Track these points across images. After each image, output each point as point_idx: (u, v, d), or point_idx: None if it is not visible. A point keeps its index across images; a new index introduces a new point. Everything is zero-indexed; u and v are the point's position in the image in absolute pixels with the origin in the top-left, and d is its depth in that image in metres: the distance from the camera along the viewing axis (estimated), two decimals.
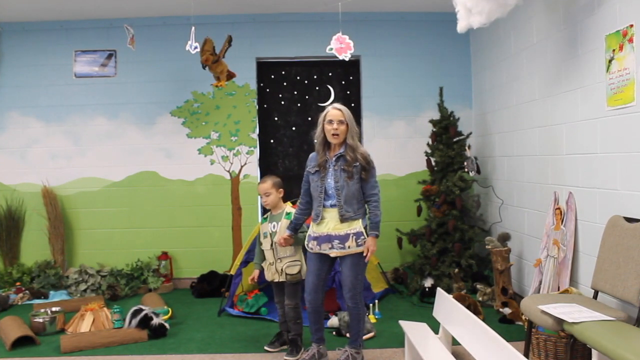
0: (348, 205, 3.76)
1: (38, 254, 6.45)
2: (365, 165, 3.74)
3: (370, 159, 3.79)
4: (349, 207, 3.77)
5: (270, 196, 4.23)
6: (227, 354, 4.29)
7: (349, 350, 3.91)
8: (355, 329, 3.94)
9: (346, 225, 3.76)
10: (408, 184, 6.54)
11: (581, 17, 4.09)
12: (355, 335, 3.94)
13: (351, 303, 3.86)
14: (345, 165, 3.76)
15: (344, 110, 3.81)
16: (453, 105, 6.25)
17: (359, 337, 3.95)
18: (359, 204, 3.79)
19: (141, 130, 6.56)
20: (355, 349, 3.92)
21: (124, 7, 6.09)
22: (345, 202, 3.77)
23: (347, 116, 3.80)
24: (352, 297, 3.84)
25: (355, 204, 3.77)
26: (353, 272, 3.82)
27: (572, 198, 4.28)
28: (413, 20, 6.58)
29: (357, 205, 3.77)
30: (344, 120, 3.79)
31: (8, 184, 6.52)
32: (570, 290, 3.93)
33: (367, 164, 3.74)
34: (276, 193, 4.25)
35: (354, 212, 3.77)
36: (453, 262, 5.77)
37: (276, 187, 4.24)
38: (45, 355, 4.31)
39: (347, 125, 3.78)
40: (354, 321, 3.93)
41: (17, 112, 6.51)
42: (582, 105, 4.13)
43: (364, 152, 3.78)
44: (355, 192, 3.77)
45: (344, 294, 3.91)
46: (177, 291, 6.37)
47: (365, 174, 3.74)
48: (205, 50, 5.49)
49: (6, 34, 6.49)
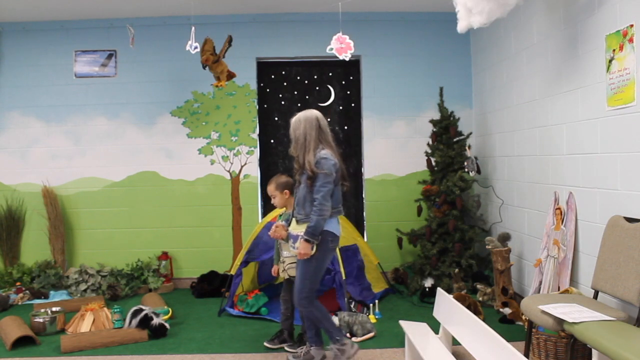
0: (300, 208, 3.88)
1: (38, 254, 6.45)
2: (309, 173, 3.79)
3: (317, 166, 3.76)
4: (300, 209, 3.88)
5: (276, 198, 4.29)
6: (227, 354, 4.29)
7: (333, 347, 3.91)
8: (323, 328, 3.92)
9: (300, 227, 3.84)
10: (408, 184, 6.54)
11: (581, 17, 4.09)
12: (328, 333, 3.91)
13: (299, 307, 3.91)
14: (296, 172, 3.94)
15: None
16: (453, 105, 6.26)
17: (330, 332, 3.90)
18: (312, 207, 3.81)
19: (141, 130, 6.56)
20: (336, 344, 3.89)
21: (124, 7, 6.10)
22: (297, 204, 3.92)
23: (291, 131, 3.95)
24: (298, 301, 3.87)
25: (308, 207, 3.81)
26: (298, 275, 3.91)
27: (572, 198, 4.28)
28: (413, 20, 6.58)
29: (309, 208, 3.80)
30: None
31: (8, 183, 6.53)
32: (570, 290, 3.93)
33: (311, 170, 3.78)
34: (281, 195, 4.27)
35: (305, 215, 3.83)
36: (453, 262, 5.77)
37: (280, 189, 4.26)
38: (46, 355, 4.31)
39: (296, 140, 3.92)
40: (316, 322, 3.92)
41: (18, 112, 6.51)
42: (582, 105, 4.12)
43: (310, 160, 3.80)
44: (305, 196, 3.85)
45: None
46: (178, 291, 6.38)
47: (310, 180, 3.80)
48: (206, 50, 5.50)
49: (6, 34, 6.49)
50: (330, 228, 3.82)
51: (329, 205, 3.75)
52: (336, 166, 3.82)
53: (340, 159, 3.93)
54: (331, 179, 3.76)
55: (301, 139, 3.88)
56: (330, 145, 3.92)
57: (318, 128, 3.89)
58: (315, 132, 3.87)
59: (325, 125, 3.96)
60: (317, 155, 3.80)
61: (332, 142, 3.96)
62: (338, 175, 3.85)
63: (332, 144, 3.94)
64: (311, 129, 3.87)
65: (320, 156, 3.79)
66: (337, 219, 3.92)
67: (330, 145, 3.91)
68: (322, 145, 3.87)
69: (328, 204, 3.74)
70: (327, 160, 3.77)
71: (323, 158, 3.78)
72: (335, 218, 3.89)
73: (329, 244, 3.84)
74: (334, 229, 3.84)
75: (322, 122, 3.94)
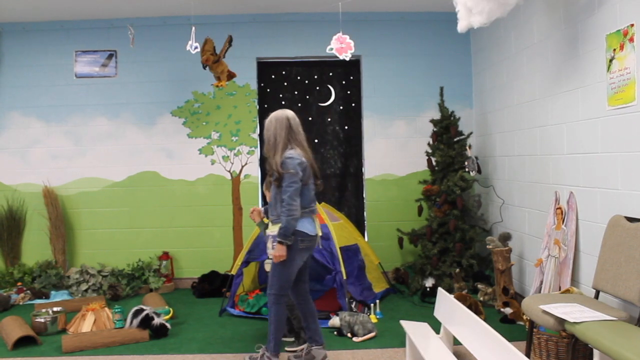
0: (272, 209, 3.94)
1: (39, 254, 6.45)
2: (276, 174, 3.82)
3: (282, 166, 3.77)
4: (272, 210, 3.93)
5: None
6: (228, 354, 4.29)
7: (263, 349, 3.93)
8: (270, 332, 3.91)
9: (275, 227, 3.84)
10: (409, 184, 6.54)
11: (582, 16, 4.09)
12: (270, 339, 3.90)
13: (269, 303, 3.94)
14: (268, 174, 3.96)
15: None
16: (454, 105, 6.26)
17: (272, 341, 3.89)
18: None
19: (142, 130, 6.56)
20: (266, 353, 3.89)
21: (124, 7, 6.10)
22: (270, 205, 3.97)
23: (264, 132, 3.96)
24: (269, 297, 3.92)
25: (279, 208, 3.83)
26: (270, 273, 3.95)
27: (573, 198, 4.28)
28: (413, 20, 6.58)
29: (280, 209, 3.82)
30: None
31: (9, 184, 6.53)
32: (571, 290, 3.93)
33: (277, 171, 3.80)
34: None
35: (277, 215, 3.86)
36: (454, 262, 5.77)
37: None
38: (47, 355, 4.31)
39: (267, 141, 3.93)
40: (269, 322, 3.92)
41: (18, 113, 6.52)
42: (582, 104, 4.13)
43: (277, 161, 3.81)
44: (275, 197, 3.88)
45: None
46: (178, 291, 6.38)
47: (277, 181, 3.83)
48: (206, 50, 5.50)
49: (7, 35, 6.49)
50: (301, 228, 3.81)
51: (297, 204, 3.74)
52: (302, 165, 3.80)
53: (311, 158, 3.94)
54: (296, 178, 3.74)
55: (272, 140, 3.90)
56: (302, 145, 3.92)
57: (288, 128, 3.90)
58: (285, 132, 3.88)
59: (297, 125, 3.95)
60: (283, 156, 3.81)
61: (304, 142, 3.95)
62: (306, 175, 3.84)
63: (303, 144, 3.93)
64: (281, 129, 3.89)
65: (286, 156, 3.80)
66: (310, 218, 3.91)
67: (301, 145, 3.91)
68: (291, 145, 3.87)
69: (296, 204, 3.73)
70: (292, 159, 3.77)
71: (288, 158, 3.78)
72: (308, 218, 3.89)
73: (299, 244, 3.82)
74: (305, 228, 3.83)
75: (294, 121, 3.94)
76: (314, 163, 3.96)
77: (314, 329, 4.03)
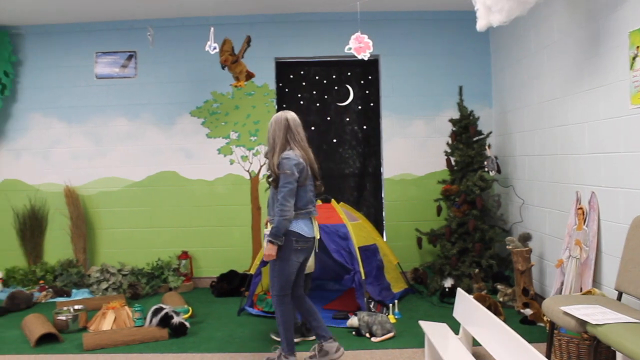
0: (270, 209, 3.98)
1: (61, 253, 6.54)
2: (272, 175, 3.86)
3: (279, 167, 3.80)
4: (270, 210, 3.97)
5: None
6: (246, 353, 4.31)
7: (280, 350, 3.96)
8: (280, 332, 3.96)
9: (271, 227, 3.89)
10: (428, 184, 6.51)
11: (604, 13, 4.03)
12: (282, 341, 3.95)
13: (273, 305, 3.98)
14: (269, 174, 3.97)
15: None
16: (473, 104, 6.22)
17: (283, 341, 3.93)
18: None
19: (161, 130, 6.62)
20: (281, 354, 3.92)
21: (144, 9, 6.15)
22: (269, 205, 4.01)
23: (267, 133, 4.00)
24: (272, 299, 3.96)
25: (276, 208, 3.84)
26: (269, 274, 3.98)
27: (594, 198, 4.23)
28: (432, 19, 6.55)
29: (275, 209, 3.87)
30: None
31: (32, 183, 6.62)
32: (593, 291, 3.87)
33: (274, 172, 3.84)
34: None
35: (273, 216, 3.88)
36: (473, 262, 5.73)
37: None
38: (69, 352, 4.37)
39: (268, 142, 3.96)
40: (277, 324, 3.97)
41: (40, 114, 6.61)
42: (604, 103, 4.07)
43: (274, 162, 3.84)
44: (273, 198, 3.91)
45: None
46: (197, 290, 6.42)
47: (274, 182, 3.86)
48: (225, 50, 5.52)
49: (29, 37, 6.59)
50: (295, 228, 3.82)
51: (290, 205, 3.75)
52: (299, 166, 3.80)
53: (311, 159, 3.95)
54: (292, 178, 3.75)
55: (271, 141, 3.93)
56: (301, 146, 3.92)
57: (287, 128, 3.90)
58: (283, 134, 3.89)
59: (297, 125, 3.94)
60: (280, 156, 3.83)
61: (305, 143, 3.95)
62: (303, 176, 3.83)
63: (303, 145, 3.93)
64: (279, 130, 3.90)
65: (282, 157, 3.81)
66: (308, 219, 3.92)
67: (300, 146, 3.91)
68: (290, 146, 3.88)
69: (289, 204, 3.74)
70: (288, 160, 3.78)
71: (285, 158, 3.80)
72: (305, 219, 3.90)
73: (293, 244, 3.83)
74: (299, 229, 3.84)
75: (293, 122, 3.93)
76: (314, 164, 3.98)
77: (316, 326, 4.03)
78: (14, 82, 6.58)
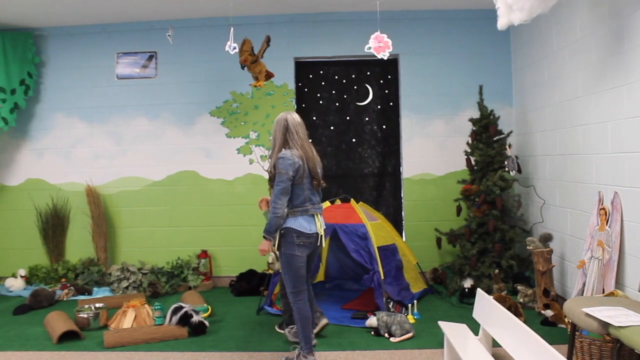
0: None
1: (82, 252, 6.62)
2: (271, 174, 3.97)
3: (277, 166, 3.87)
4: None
5: None
6: (265, 352, 4.32)
7: (298, 349, 3.99)
8: (298, 330, 4.01)
9: None
10: (447, 184, 6.47)
11: (628, 10, 3.97)
12: (301, 338, 3.97)
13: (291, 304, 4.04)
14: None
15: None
16: (493, 104, 6.16)
17: (302, 339, 3.95)
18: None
19: (181, 130, 6.66)
20: (302, 352, 3.94)
21: (164, 9, 6.20)
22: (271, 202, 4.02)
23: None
24: (288, 297, 4.04)
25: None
26: (282, 275, 4.09)
27: (617, 198, 4.17)
28: (452, 18, 6.50)
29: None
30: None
31: (54, 183, 6.72)
32: (616, 293, 3.82)
33: (271, 171, 3.95)
34: None
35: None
36: (493, 262, 5.68)
37: None
38: (90, 350, 4.42)
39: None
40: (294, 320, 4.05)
41: (62, 114, 6.70)
42: (628, 102, 4.01)
43: (275, 160, 3.92)
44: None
45: None
46: (217, 289, 6.45)
47: (271, 181, 3.98)
48: (244, 50, 5.54)
49: (52, 38, 6.68)
50: (294, 225, 3.90)
51: (282, 203, 3.84)
52: (295, 165, 3.85)
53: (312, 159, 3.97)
54: (285, 177, 3.82)
55: (272, 141, 4.07)
56: (301, 145, 3.95)
57: (285, 129, 3.98)
58: (282, 134, 3.98)
59: (296, 125, 3.98)
60: (277, 156, 3.91)
61: (305, 143, 3.98)
62: (299, 175, 3.88)
63: (302, 144, 3.96)
64: (279, 130, 4.00)
65: (279, 156, 3.89)
66: (309, 216, 3.96)
67: (300, 145, 3.94)
68: (288, 146, 3.95)
69: (280, 202, 3.83)
70: (283, 159, 3.86)
71: (280, 158, 3.88)
72: (304, 216, 3.93)
73: (295, 240, 3.90)
74: (299, 226, 3.90)
75: (292, 122, 3.99)
76: (316, 163, 4.01)
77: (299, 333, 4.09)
78: (37, 82, 6.68)
